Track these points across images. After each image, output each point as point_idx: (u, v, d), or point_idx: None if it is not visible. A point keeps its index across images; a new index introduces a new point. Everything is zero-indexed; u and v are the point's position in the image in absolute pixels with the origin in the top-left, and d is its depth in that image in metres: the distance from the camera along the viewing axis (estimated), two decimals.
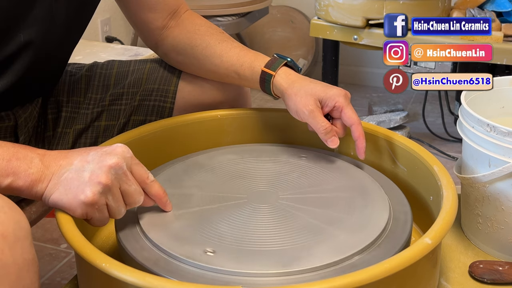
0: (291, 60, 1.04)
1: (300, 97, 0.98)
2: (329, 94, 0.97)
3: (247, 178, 0.96)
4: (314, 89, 0.98)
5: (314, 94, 0.97)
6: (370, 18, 2.05)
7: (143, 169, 0.81)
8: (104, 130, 1.12)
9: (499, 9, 2.01)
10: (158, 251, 0.79)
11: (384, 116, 2.30)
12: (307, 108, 0.97)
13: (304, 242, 0.80)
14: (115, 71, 1.16)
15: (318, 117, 0.97)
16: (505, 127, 0.90)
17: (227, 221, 0.85)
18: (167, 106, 1.12)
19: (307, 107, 0.97)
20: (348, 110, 0.97)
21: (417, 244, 0.74)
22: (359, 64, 2.99)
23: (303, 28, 2.96)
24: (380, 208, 0.87)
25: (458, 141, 2.31)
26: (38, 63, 0.96)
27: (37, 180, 0.76)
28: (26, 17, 0.91)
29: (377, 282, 0.68)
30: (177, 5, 1.12)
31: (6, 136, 1.01)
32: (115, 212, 0.79)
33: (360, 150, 0.97)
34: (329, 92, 0.97)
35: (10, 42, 0.91)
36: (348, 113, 0.96)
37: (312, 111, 0.96)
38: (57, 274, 1.60)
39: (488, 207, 0.96)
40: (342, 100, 0.97)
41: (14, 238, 0.65)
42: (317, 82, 1.00)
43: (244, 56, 1.06)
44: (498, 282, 0.90)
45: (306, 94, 0.98)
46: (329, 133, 0.97)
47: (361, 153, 0.97)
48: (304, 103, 0.97)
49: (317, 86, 0.98)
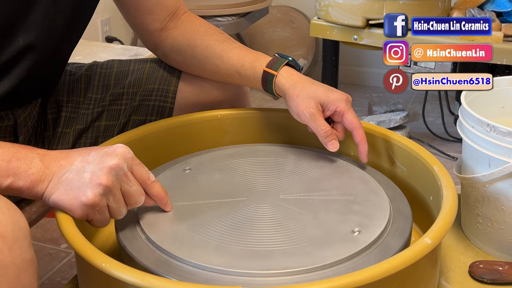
0: (293, 60, 1.04)
1: (302, 99, 0.98)
2: (331, 98, 0.97)
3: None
4: (316, 92, 0.98)
5: (316, 97, 0.97)
6: (370, 18, 2.05)
7: (144, 169, 0.81)
8: (104, 130, 1.12)
9: (499, 9, 2.01)
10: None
11: (384, 116, 2.30)
12: (308, 111, 0.97)
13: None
14: (115, 70, 1.16)
15: (318, 121, 0.97)
16: (505, 127, 0.90)
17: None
18: (167, 106, 1.12)
19: (308, 110, 0.97)
20: (350, 115, 0.97)
21: (417, 244, 0.74)
22: (359, 64, 2.99)
23: (303, 28, 2.96)
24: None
25: (458, 141, 2.30)
26: (38, 66, 0.96)
27: (37, 181, 0.76)
28: (25, 22, 0.91)
29: (377, 282, 0.68)
30: (175, 7, 1.12)
31: (6, 135, 1.01)
32: (116, 213, 0.79)
33: (362, 155, 0.98)
34: (331, 96, 0.97)
35: (9, 47, 0.91)
36: (349, 118, 0.97)
37: (313, 114, 0.97)
38: (57, 274, 1.60)
39: (488, 207, 0.96)
40: (344, 105, 0.97)
41: (13, 239, 0.65)
42: (319, 84, 1.00)
43: (245, 56, 1.06)
44: (498, 282, 0.90)
45: (308, 96, 0.98)
46: (329, 136, 0.97)
47: (364, 157, 0.98)
48: (306, 106, 0.97)
49: (319, 89, 0.98)
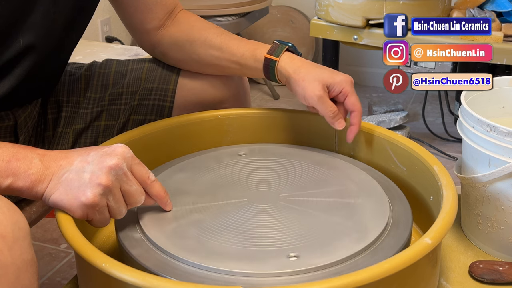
0: (292, 45, 1.06)
1: (308, 83, 1.00)
2: (337, 80, 1.00)
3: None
4: (322, 75, 1.01)
5: (322, 80, 1.00)
6: (370, 18, 2.05)
7: (144, 169, 0.81)
8: (104, 130, 1.12)
9: (499, 9, 2.01)
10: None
11: (384, 116, 2.30)
12: (316, 93, 0.99)
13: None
14: (113, 70, 1.16)
15: (326, 102, 1.00)
16: (505, 127, 0.90)
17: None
18: (167, 105, 1.12)
19: (316, 93, 0.99)
20: (353, 97, 1.01)
21: (417, 244, 0.74)
22: (359, 64, 2.99)
23: (303, 28, 2.96)
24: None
25: (458, 141, 2.30)
26: (38, 66, 0.96)
27: (37, 181, 0.76)
28: (25, 22, 0.91)
29: (377, 282, 0.68)
30: (174, 5, 1.13)
31: (6, 136, 1.01)
32: (116, 213, 0.79)
33: (351, 135, 1.02)
34: (337, 79, 1.01)
35: (10, 47, 0.91)
36: (352, 99, 1.01)
37: (321, 96, 0.99)
38: (57, 274, 1.60)
39: (488, 207, 0.96)
40: (349, 87, 1.01)
41: (13, 239, 0.65)
42: (323, 67, 1.03)
43: (245, 46, 1.07)
44: (498, 282, 0.90)
45: (314, 79, 1.00)
46: (336, 116, 1.01)
47: (351, 138, 1.02)
48: (313, 89, 0.99)
49: (324, 72, 1.01)
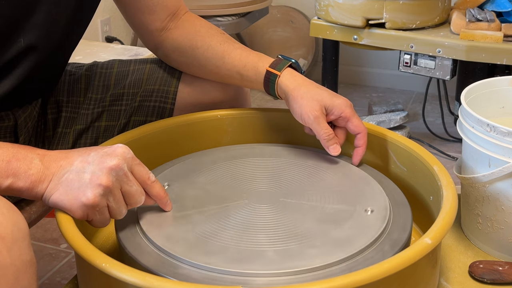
0: (295, 62, 1.05)
1: (306, 101, 0.98)
2: (336, 103, 0.98)
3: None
4: (321, 96, 0.98)
5: (321, 101, 0.98)
6: (370, 18, 2.05)
7: (144, 169, 0.81)
8: (104, 130, 1.12)
9: (499, 9, 2.01)
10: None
11: (384, 116, 2.30)
12: (312, 113, 0.97)
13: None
14: (115, 70, 1.15)
15: (322, 123, 0.97)
16: (505, 127, 0.90)
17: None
18: (168, 107, 1.12)
19: (313, 112, 0.97)
20: (356, 120, 0.98)
21: (417, 244, 0.74)
22: (359, 64, 2.99)
23: (303, 28, 2.96)
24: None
25: (458, 141, 2.30)
26: (39, 66, 0.96)
27: (37, 181, 0.76)
28: (26, 23, 0.91)
29: (377, 282, 0.68)
30: (176, 7, 1.12)
31: (6, 136, 1.01)
32: (116, 213, 0.79)
33: (357, 157, 0.99)
34: (336, 101, 0.98)
35: (11, 48, 0.91)
36: (355, 122, 0.98)
37: (318, 117, 0.97)
38: (57, 274, 1.60)
39: (488, 207, 0.96)
40: (349, 110, 0.98)
41: (12, 240, 0.65)
42: (323, 88, 1.01)
43: (247, 57, 1.06)
44: (498, 282, 0.90)
45: (312, 99, 0.98)
46: (332, 140, 0.98)
47: (357, 160, 0.99)
48: (310, 108, 0.97)
49: (324, 93, 0.99)
